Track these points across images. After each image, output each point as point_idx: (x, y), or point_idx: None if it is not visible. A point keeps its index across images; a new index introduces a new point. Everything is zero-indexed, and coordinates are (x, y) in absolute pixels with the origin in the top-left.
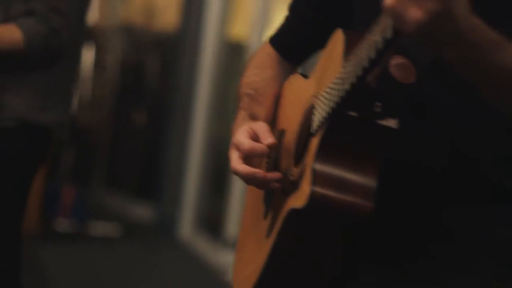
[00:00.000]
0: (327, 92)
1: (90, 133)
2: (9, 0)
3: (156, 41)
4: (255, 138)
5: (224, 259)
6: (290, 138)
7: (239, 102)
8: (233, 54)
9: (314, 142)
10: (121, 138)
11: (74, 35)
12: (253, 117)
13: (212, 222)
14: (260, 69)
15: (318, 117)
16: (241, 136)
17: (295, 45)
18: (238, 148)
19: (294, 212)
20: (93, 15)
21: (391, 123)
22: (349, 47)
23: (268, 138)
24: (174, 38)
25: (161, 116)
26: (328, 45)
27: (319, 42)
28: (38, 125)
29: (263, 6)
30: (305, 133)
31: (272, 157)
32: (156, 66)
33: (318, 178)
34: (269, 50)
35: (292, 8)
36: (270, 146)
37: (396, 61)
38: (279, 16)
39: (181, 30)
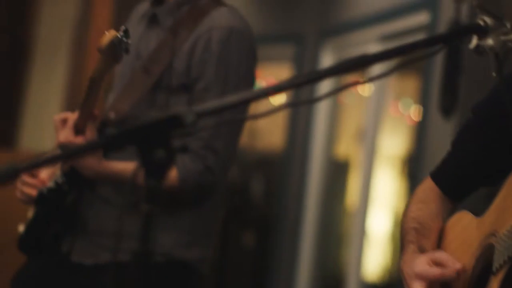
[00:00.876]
0: (509, 232)
1: None
2: None
3: (261, 161)
4: (439, 266)
5: None
6: (462, 275)
7: (405, 236)
8: (339, 172)
9: (495, 281)
10: (229, 260)
11: (224, 172)
12: (422, 251)
13: None
14: (424, 203)
15: (499, 256)
16: (424, 266)
17: (457, 181)
18: (422, 277)
19: None
20: None
21: None
22: None
23: (456, 264)
24: (279, 158)
25: (269, 237)
26: (506, 186)
27: (483, 180)
28: (184, 261)
29: (370, 124)
30: (482, 271)
31: None
32: (262, 187)
33: None
34: (431, 184)
35: (456, 144)
36: (459, 272)
37: None
38: (384, 133)
39: (286, 150)
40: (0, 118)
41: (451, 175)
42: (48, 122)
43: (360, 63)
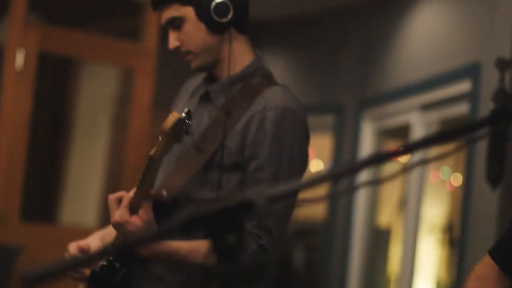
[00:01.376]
0: None
1: None
2: None
3: (302, 231)
4: None
5: None
6: None
7: None
8: (382, 240)
9: None
10: None
11: (277, 251)
12: None
13: None
14: (483, 281)
15: None
16: None
17: None
18: None
19: None
20: None
21: None
22: None
23: None
24: (321, 228)
25: None
26: None
27: None
28: None
29: (411, 193)
30: None
31: None
32: (304, 257)
33: None
34: (490, 262)
35: None
36: None
37: None
38: (426, 201)
39: (328, 220)
40: (42, 193)
41: (510, 253)
42: (88, 197)
43: (400, 153)
